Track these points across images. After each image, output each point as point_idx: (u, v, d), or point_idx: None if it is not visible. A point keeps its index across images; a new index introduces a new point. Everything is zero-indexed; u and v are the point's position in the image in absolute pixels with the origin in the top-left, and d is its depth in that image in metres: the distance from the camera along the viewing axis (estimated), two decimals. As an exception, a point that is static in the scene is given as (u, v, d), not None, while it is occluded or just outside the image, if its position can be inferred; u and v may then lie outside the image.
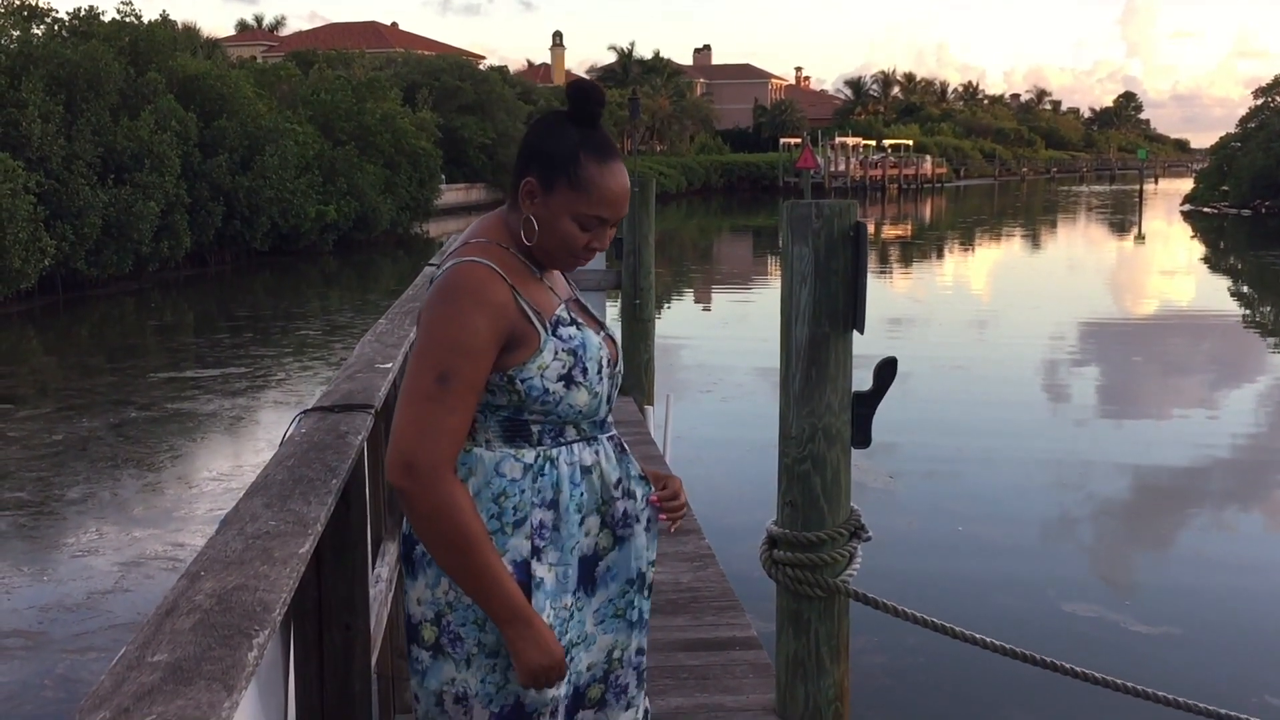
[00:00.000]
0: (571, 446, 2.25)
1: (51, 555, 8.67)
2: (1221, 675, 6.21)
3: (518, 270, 2.24)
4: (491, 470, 2.20)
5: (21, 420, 13.33)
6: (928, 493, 9.93)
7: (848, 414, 3.90)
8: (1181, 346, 18.19)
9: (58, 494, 10.18)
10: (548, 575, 2.22)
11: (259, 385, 15.09)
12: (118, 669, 1.45)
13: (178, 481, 10.57)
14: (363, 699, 2.65)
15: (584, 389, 2.22)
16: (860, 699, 5.21)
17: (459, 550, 2.11)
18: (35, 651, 6.89)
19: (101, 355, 18.38)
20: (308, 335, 19.75)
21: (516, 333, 2.18)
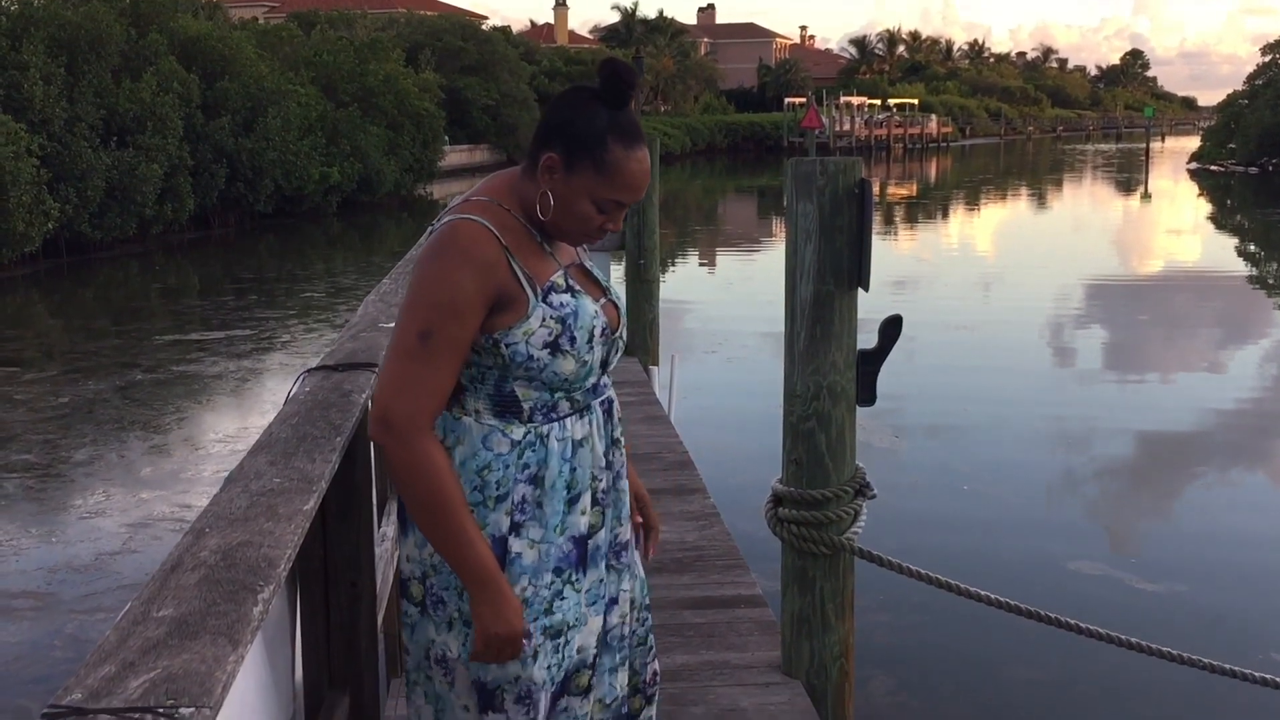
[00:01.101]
0: (564, 422, 2.23)
1: (59, 517, 8.70)
2: (1227, 632, 6.23)
3: (516, 233, 2.21)
4: (478, 443, 2.19)
5: (27, 383, 13.35)
6: (933, 452, 9.93)
7: (852, 372, 3.89)
8: (1187, 305, 18.14)
9: (65, 456, 10.20)
10: (527, 551, 2.20)
11: (264, 347, 15.10)
12: (123, 624, 1.46)
13: (184, 443, 10.60)
14: (369, 656, 2.66)
15: (570, 357, 2.19)
16: (865, 656, 5.24)
17: (431, 508, 2.11)
18: (44, 612, 6.93)
19: (106, 318, 18.39)
20: (312, 297, 19.75)
21: (505, 295, 2.15)
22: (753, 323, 15.44)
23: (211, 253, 27.15)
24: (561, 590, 2.24)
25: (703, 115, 79.60)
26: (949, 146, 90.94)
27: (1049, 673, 5.86)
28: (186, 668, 1.32)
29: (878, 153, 76.95)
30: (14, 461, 10.07)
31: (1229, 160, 54.91)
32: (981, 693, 5.73)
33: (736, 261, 24.69)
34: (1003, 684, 5.81)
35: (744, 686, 4.02)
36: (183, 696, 1.26)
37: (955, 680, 5.86)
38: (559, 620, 2.24)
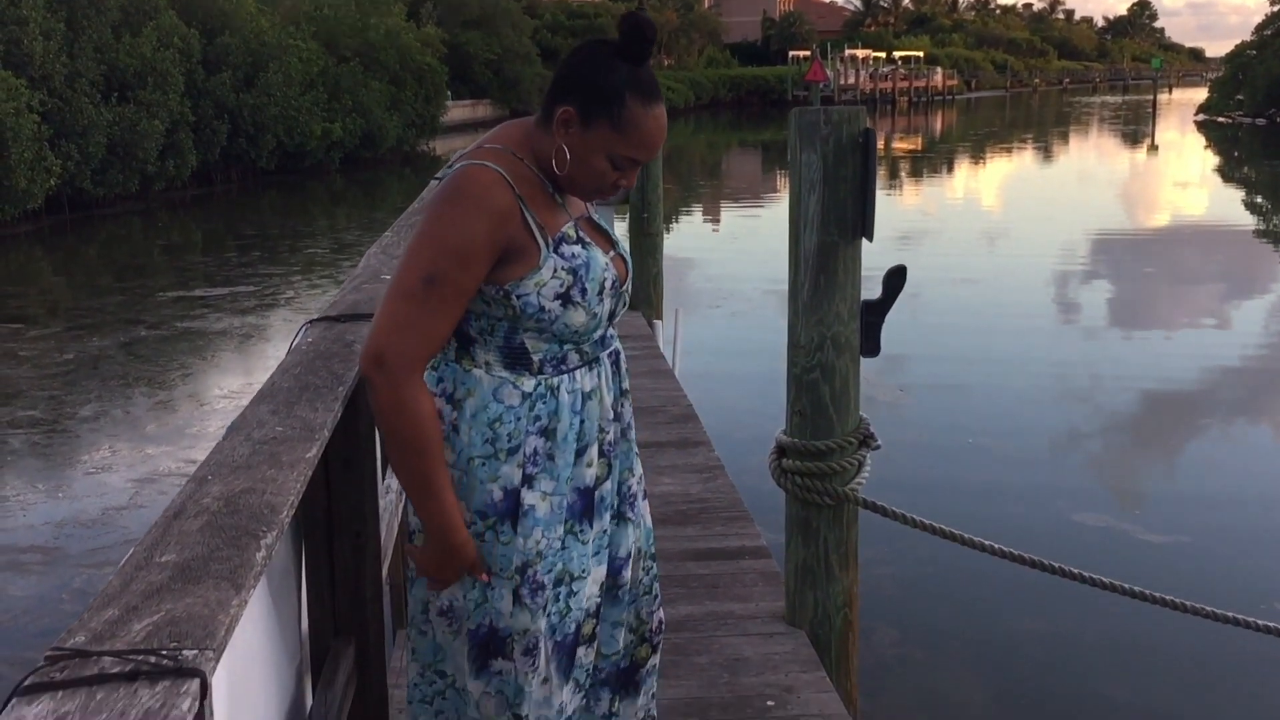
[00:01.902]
0: (574, 374, 2.22)
1: (66, 472, 8.73)
2: (1231, 583, 6.24)
3: (529, 182, 2.18)
4: (489, 395, 2.18)
5: (32, 340, 13.36)
6: (937, 406, 9.93)
7: (856, 322, 3.88)
8: (1194, 258, 18.08)
9: (70, 412, 10.23)
10: (540, 504, 2.20)
11: (268, 304, 15.09)
12: (126, 569, 1.46)
13: (189, 399, 10.61)
14: (375, 607, 2.66)
15: (581, 309, 2.17)
16: (869, 608, 5.26)
17: (409, 450, 2.11)
18: (52, 566, 6.96)
19: (110, 275, 18.38)
20: (316, 253, 19.72)
21: (516, 245, 2.13)
22: (757, 278, 15.41)
23: (214, 209, 27.09)
24: (566, 541, 2.25)
25: (706, 69, 79.13)
26: (954, 99, 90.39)
27: (1054, 624, 5.89)
28: (189, 611, 1.32)
29: (882, 106, 76.51)
30: (20, 418, 10.10)
31: (1236, 112, 54.54)
32: (986, 644, 5.76)
33: (740, 216, 24.60)
34: (1007, 636, 5.83)
35: (748, 636, 4.03)
36: (186, 639, 1.26)
37: (960, 632, 5.88)
38: (562, 570, 2.25)
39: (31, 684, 1.17)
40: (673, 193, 25.18)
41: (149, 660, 1.20)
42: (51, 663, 1.22)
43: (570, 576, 2.26)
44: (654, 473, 5.62)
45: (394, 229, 4.70)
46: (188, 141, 27.74)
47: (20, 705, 1.14)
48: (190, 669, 1.20)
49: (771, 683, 3.72)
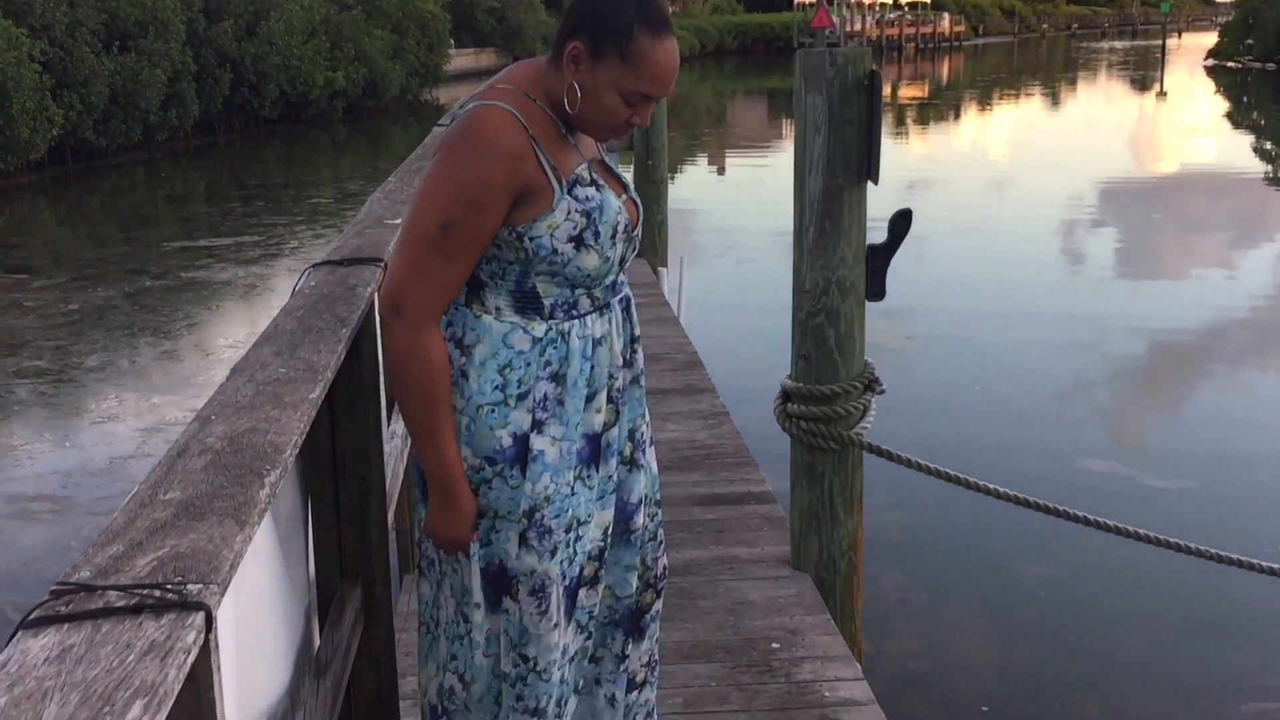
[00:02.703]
0: (585, 319, 2.21)
1: (73, 422, 8.76)
2: (1236, 527, 6.25)
3: (542, 123, 2.16)
4: (499, 341, 2.17)
5: (37, 290, 13.37)
6: (944, 353, 9.92)
7: (862, 266, 3.87)
8: (1202, 205, 17.98)
9: (76, 362, 10.24)
10: (549, 449, 2.19)
11: (272, 253, 15.07)
12: (130, 507, 1.46)
13: (195, 349, 10.62)
14: (380, 549, 2.67)
15: (594, 252, 2.16)
16: (874, 554, 5.27)
17: (417, 399, 2.13)
18: (60, 515, 7.00)
19: (114, 225, 18.35)
20: (320, 203, 19.67)
21: (530, 187, 2.11)
22: (762, 226, 15.35)
23: (217, 159, 27.00)
24: (574, 486, 2.25)
25: (711, 16, 78.40)
26: (961, 46, 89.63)
27: (1058, 569, 5.91)
28: (194, 547, 1.32)
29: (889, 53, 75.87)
30: (26, 368, 10.12)
31: (1246, 57, 54.04)
32: (990, 589, 5.78)
33: (746, 165, 24.48)
34: (1012, 580, 5.85)
35: (753, 580, 4.05)
36: (190, 574, 1.26)
37: (965, 576, 5.91)
38: (570, 516, 2.25)
39: (37, 617, 1.18)
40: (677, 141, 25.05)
41: (154, 594, 1.21)
42: (56, 597, 1.22)
43: (577, 522, 2.26)
44: (659, 419, 5.63)
45: (397, 175, 4.68)
46: (190, 91, 27.60)
47: (26, 637, 1.14)
48: (195, 603, 1.21)
49: (776, 626, 3.74)
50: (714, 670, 3.48)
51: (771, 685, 3.40)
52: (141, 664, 1.09)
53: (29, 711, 1.01)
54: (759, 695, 3.35)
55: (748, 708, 3.29)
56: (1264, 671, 4.93)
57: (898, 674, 4.96)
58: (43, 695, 1.04)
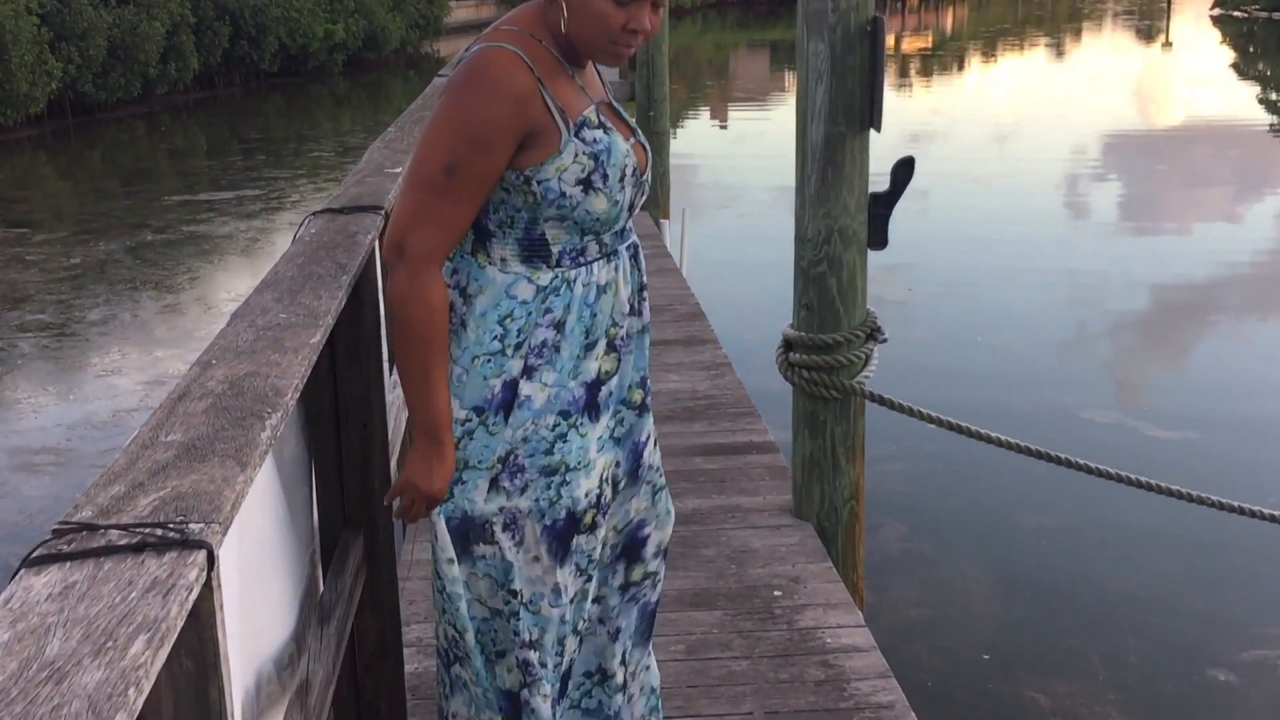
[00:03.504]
0: (591, 266, 2.19)
1: (76, 375, 8.77)
2: (1237, 476, 6.27)
3: (548, 64, 2.12)
4: (502, 292, 2.15)
5: (39, 244, 13.35)
6: (946, 305, 9.91)
7: (864, 215, 3.85)
8: (1207, 156, 17.89)
9: (79, 316, 10.24)
10: (537, 394, 2.18)
11: (273, 207, 15.03)
12: (132, 449, 1.46)
13: (197, 303, 10.62)
14: (383, 495, 2.68)
15: (603, 195, 2.13)
16: (876, 505, 5.29)
17: (413, 342, 2.09)
18: (65, 468, 7.02)
19: (114, 179, 18.29)
20: (321, 157, 19.59)
21: (536, 128, 2.08)
22: (765, 179, 15.29)
23: (217, 113, 26.87)
24: (565, 433, 2.22)
25: (714, -33, 77.68)
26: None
27: (1060, 519, 5.93)
28: (195, 487, 1.33)
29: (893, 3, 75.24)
30: (29, 321, 10.12)
31: (1253, 5, 53.51)
32: (992, 539, 5.81)
33: (748, 117, 24.35)
34: (1013, 530, 5.88)
35: (755, 529, 4.07)
36: (192, 513, 1.26)
37: (966, 527, 5.93)
38: (557, 461, 2.21)
39: (39, 555, 1.18)
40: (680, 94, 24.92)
41: (155, 533, 1.21)
42: (58, 535, 1.23)
43: (566, 467, 2.22)
44: (661, 370, 5.63)
45: (397, 125, 4.66)
46: (189, 44, 27.42)
47: (28, 575, 1.15)
48: (197, 541, 1.21)
49: (778, 573, 3.76)
50: (716, 618, 3.50)
51: (773, 632, 3.42)
52: (144, 600, 1.10)
53: (32, 646, 1.02)
54: (761, 642, 3.37)
55: (749, 654, 3.31)
56: (1263, 619, 4.95)
57: (899, 623, 4.99)
58: (45, 630, 1.05)
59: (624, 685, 2.52)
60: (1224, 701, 4.43)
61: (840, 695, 3.10)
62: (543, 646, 2.30)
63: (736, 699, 3.10)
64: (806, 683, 3.16)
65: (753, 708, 3.06)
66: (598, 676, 2.49)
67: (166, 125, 24.70)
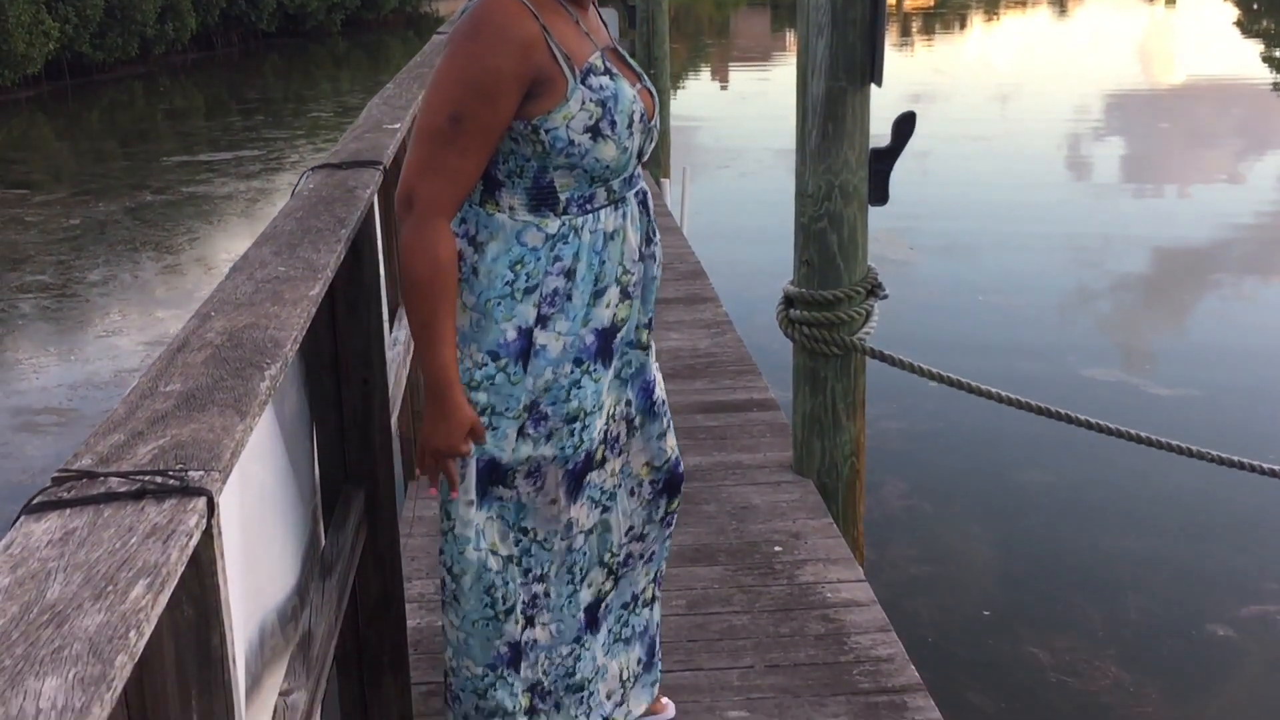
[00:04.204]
0: (598, 214, 2.20)
1: (77, 336, 8.77)
2: (1239, 433, 6.26)
3: (552, 11, 2.12)
4: (512, 238, 2.16)
5: (38, 206, 13.31)
6: (948, 264, 9.89)
7: (865, 170, 3.84)
8: (1209, 114, 17.80)
9: (79, 277, 10.23)
10: (553, 343, 2.20)
11: (273, 168, 14.98)
12: (131, 398, 1.46)
13: (197, 264, 10.60)
14: (383, 452, 2.68)
15: (612, 143, 2.13)
16: (877, 463, 5.30)
17: (421, 293, 2.10)
18: (67, 427, 7.03)
19: (113, 140, 18.22)
20: (320, 117, 19.51)
21: (543, 77, 2.08)
22: (765, 138, 15.22)
23: (215, 73, 26.73)
24: (580, 380, 2.26)
25: (715, -75, 77.08)
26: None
27: (1060, 476, 5.93)
28: (195, 436, 1.33)
29: (895, -38, 74.63)
30: (29, 282, 10.11)
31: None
32: (993, 496, 5.81)
33: (750, 77, 24.22)
34: (1014, 487, 5.88)
35: (756, 485, 4.07)
36: (192, 461, 1.26)
37: (967, 484, 5.94)
38: (575, 408, 2.27)
39: (39, 502, 1.18)
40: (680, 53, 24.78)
41: (155, 480, 1.21)
42: (58, 483, 1.23)
43: (584, 413, 2.28)
44: (662, 328, 5.63)
45: (396, 81, 4.63)
46: (186, 4, 27.26)
47: (29, 522, 1.15)
48: (197, 488, 1.21)
49: (779, 529, 3.77)
50: (717, 573, 3.51)
51: (774, 587, 3.43)
52: (144, 546, 1.10)
53: (33, 590, 1.02)
54: (761, 596, 3.38)
55: (750, 609, 3.32)
56: (1263, 575, 4.97)
57: (900, 579, 5.00)
58: (46, 575, 1.05)
59: (651, 599, 2.62)
60: (1223, 657, 4.45)
61: (840, 649, 3.11)
62: (549, 579, 2.38)
63: (737, 653, 3.11)
64: (807, 636, 3.17)
65: (753, 661, 3.07)
66: (631, 604, 2.59)
67: (164, 86, 24.58)
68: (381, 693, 2.78)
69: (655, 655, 2.69)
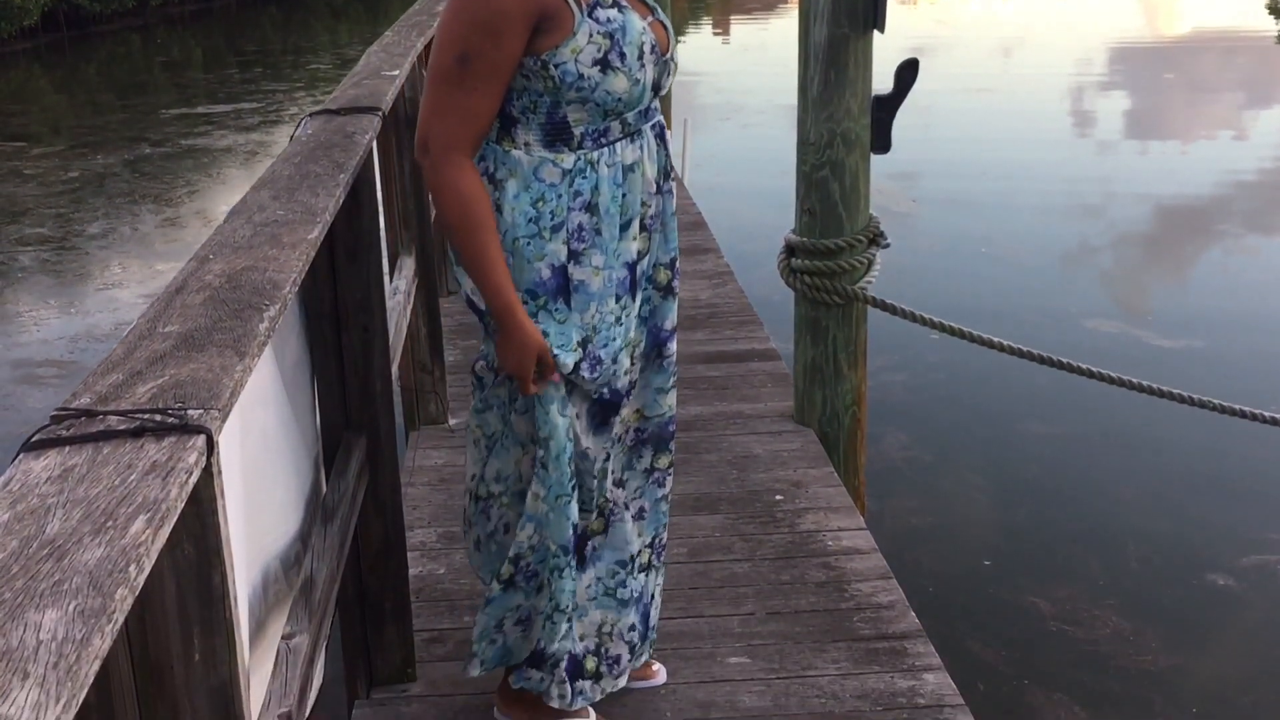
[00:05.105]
0: (614, 146, 2.21)
1: (77, 289, 8.75)
2: (1242, 384, 6.25)
3: None
4: (530, 174, 2.18)
5: (36, 158, 13.25)
6: (951, 216, 9.84)
7: (867, 118, 3.81)
8: (1214, 66, 17.68)
9: (78, 230, 10.20)
10: (592, 279, 2.22)
11: (272, 120, 14.90)
12: (130, 339, 1.45)
13: (196, 216, 10.56)
14: (384, 399, 2.68)
15: (622, 75, 2.13)
16: (879, 413, 5.29)
17: (459, 231, 2.15)
18: (68, 379, 7.02)
19: (111, 92, 18.11)
20: (319, 69, 19.39)
21: (549, 12, 2.09)
22: (768, 91, 15.12)
23: (213, 25, 26.53)
24: (620, 316, 2.30)
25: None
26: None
27: (1062, 427, 5.93)
28: (194, 375, 1.32)
29: (898, -87, 73.92)
30: (28, 235, 10.08)
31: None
32: (995, 447, 5.81)
33: (752, 29, 24.03)
34: (1015, 438, 5.88)
35: (757, 434, 4.07)
36: (191, 400, 1.26)
37: (968, 436, 5.93)
38: (619, 345, 2.31)
39: (38, 440, 1.18)
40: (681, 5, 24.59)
41: (154, 418, 1.20)
42: (57, 421, 1.22)
43: (618, 350, 2.32)
44: (663, 279, 5.61)
45: (394, 29, 4.60)
46: (184, -45, 27.04)
47: (27, 459, 1.14)
48: (196, 426, 1.20)
49: (780, 478, 3.77)
50: (718, 521, 3.52)
51: (775, 535, 3.43)
52: (144, 482, 1.09)
53: (32, 525, 1.02)
54: (762, 545, 3.39)
55: (751, 556, 3.33)
56: (1263, 524, 4.98)
57: (901, 530, 5.01)
58: (45, 511, 1.04)
59: (649, 565, 2.60)
60: (1223, 606, 4.46)
61: (841, 595, 3.12)
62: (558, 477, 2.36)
63: (738, 600, 3.12)
64: (808, 584, 3.18)
65: (754, 608, 3.08)
66: (630, 566, 2.57)
67: (162, 38, 24.41)
68: (384, 639, 2.80)
69: (650, 625, 2.65)
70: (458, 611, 3.12)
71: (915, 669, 2.82)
